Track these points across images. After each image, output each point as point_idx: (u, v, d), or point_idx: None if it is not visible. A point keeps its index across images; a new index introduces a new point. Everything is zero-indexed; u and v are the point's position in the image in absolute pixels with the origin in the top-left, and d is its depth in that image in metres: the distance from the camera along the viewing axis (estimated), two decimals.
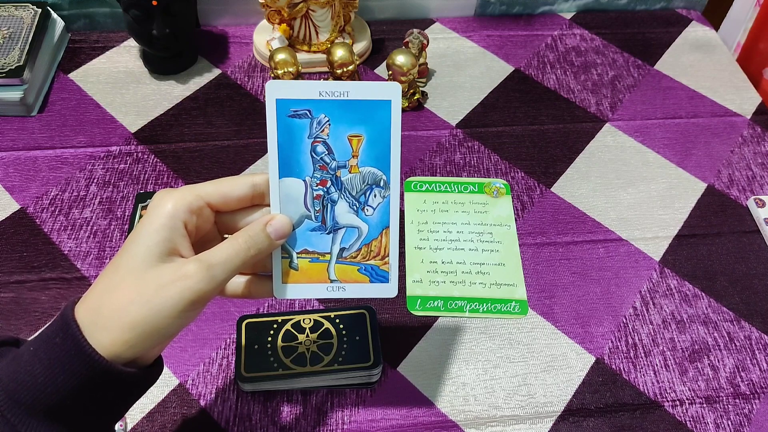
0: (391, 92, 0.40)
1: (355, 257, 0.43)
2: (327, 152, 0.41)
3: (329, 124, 0.40)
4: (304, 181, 0.41)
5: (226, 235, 0.43)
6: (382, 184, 0.41)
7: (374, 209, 0.42)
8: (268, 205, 0.41)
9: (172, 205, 0.37)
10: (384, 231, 0.42)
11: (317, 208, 0.42)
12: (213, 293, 0.37)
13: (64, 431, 0.35)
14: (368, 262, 0.43)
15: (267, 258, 0.42)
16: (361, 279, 0.43)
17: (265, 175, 0.41)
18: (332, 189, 0.41)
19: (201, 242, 0.40)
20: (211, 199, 0.39)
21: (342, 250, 0.42)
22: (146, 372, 0.38)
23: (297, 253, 0.42)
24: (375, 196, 0.42)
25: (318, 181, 0.41)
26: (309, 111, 0.40)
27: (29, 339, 0.37)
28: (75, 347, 0.34)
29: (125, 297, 0.35)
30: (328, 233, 0.42)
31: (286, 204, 0.41)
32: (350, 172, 0.41)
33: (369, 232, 0.42)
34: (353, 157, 0.41)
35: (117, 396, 0.37)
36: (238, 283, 0.43)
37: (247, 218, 0.41)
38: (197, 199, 0.39)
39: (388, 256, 0.43)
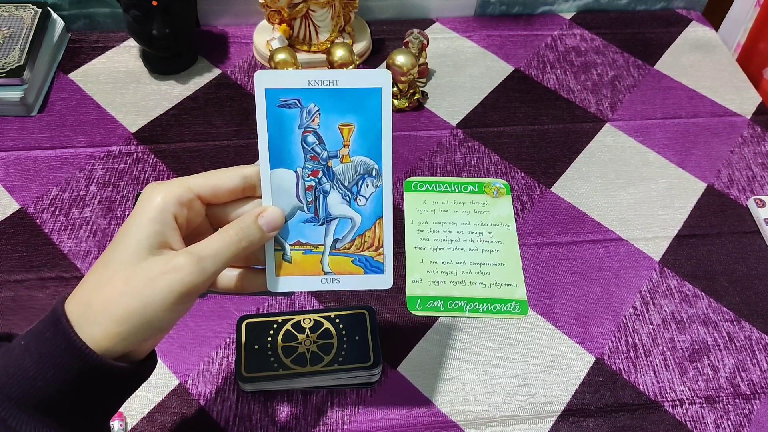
0: (381, 80, 0.39)
1: (349, 248, 0.42)
2: (318, 142, 0.40)
3: (319, 114, 0.40)
4: (296, 171, 0.40)
5: (217, 228, 0.42)
6: (374, 173, 0.41)
7: (367, 199, 0.41)
8: (260, 197, 0.41)
9: (161, 197, 0.37)
10: (377, 221, 0.42)
11: (309, 199, 0.41)
12: (203, 286, 0.37)
13: (55, 425, 0.35)
14: (362, 253, 0.42)
15: (260, 250, 0.41)
16: (356, 270, 0.42)
17: (256, 166, 0.40)
18: (324, 179, 0.41)
19: (192, 235, 0.40)
20: (201, 192, 0.39)
21: (335, 241, 0.42)
22: (138, 366, 0.37)
23: (290, 245, 0.42)
24: (367, 185, 0.41)
25: (309, 172, 0.41)
26: (298, 100, 0.39)
27: (21, 334, 0.37)
28: (65, 341, 0.34)
29: (115, 290, 0.35)
30: (320, 224, 0.42)
31: (278, 195, 0.40)
32: (342, 162, 0.41)
33: (362, 223, 0.42)
34: (344, 146, 0.40)
35: (109, 391, 0.37)
36: (230, 276, 0.42)
37: (239, 210, 0.41)
38: (187, 192, 0.38)
39: (382, 246, 0.42)
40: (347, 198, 0.41)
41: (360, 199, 0.41)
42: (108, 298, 0.35)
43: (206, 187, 0.39)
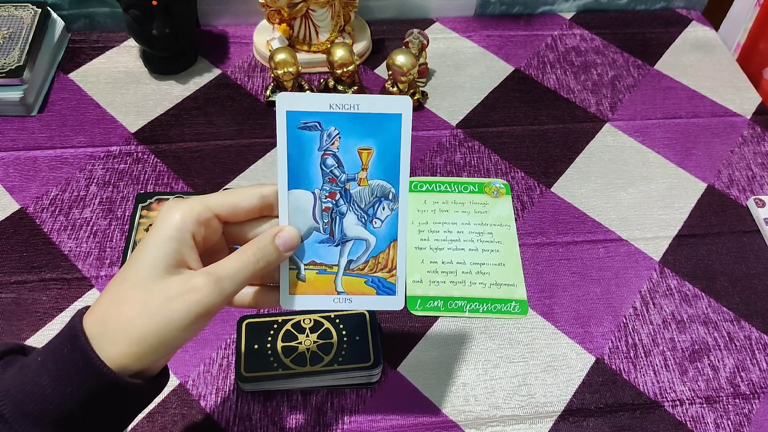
0: (402, 106, 0.40)
1: (363, 269, 0.43)
2: (337, 165, 0.41)
3: (339, 137, 0.40)
4: (313, 193, 0.41)
5: (234, 246, 0.42)
6: (390, 197, 0.42)
7: (382, 222, 0.42)
8: (277, 217, 0.41)
9: (180, 216, 0.37)
10: (392, 244, 0.42)
11: (326, 221, 0.42)
12: (221, 306, 0.37)
13: None
14: (375, 275, 0.43)
15: (275, 269, 0.41)
16: (368, 291, 0.43)
17: (274, 186, 0.41)
18: (341, 201, 0.41)
19: (209, 253, 0.40)
20: (219, 211, 0.39)
21: (349, 262, 0.42)
22: (152, 383, 0.38)
23: (305, 265, 0.42)
24: (383, 208, 0.42)
25: (327, 194, 0.41)
26: (319, 123, 0.40)
27: (37, 348, 0.37)
28: (83, 359, 0.34)
29: (132, 309, 0.35)
30: (336, 245, 0.42)
31: (295, 216, 0.41)
32: (359, 185, 0.41)
33: (377, 245, 0.42)
34: (363, 170, 0.41)
35: (123, 407, 0.37)
36: (245, 293, 0.43)
37: (256, 230, 0.41)
38: (206, 211, 0.38)
39: (395, 268, 0.43)
40: (363, 220, 0.42)
41: (376, 222, 0.42)
42: (126, 317, 0.35)
43: (225, 206, 0.39)
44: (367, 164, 0.41)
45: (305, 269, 0.42)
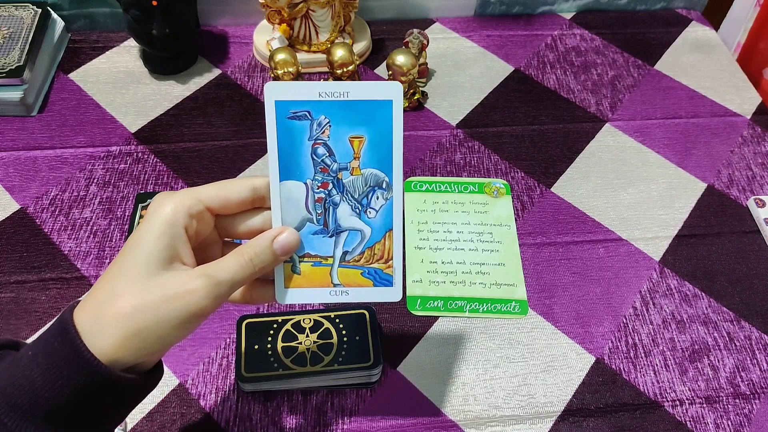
0: (393, 92, 0.40)
1: (359, 261, 0.42)
2: (328, 154, 0.40)
3: (330, 126, 0.40)
4: (305, 183, 0.40)
5: (225, 239, 0.42)
6: (384, 185, 0.41)
7: (377, 211, 0.41)
8: (269, 208, 0.40)
9: (172, 210, 0.37)
10: (387, 234, 0.42)
11: (319, 211, 0.41)
12: (216, 308, 0.37)
13: None
14: (371, 266, 0.42)
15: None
16: (365, 282, 0.42)
17: (266, 178, 0.40)
18: (334, 191, 0.41)
19: (201, 246, 0.40)
20: (211, 203, 0.39)
21: (345, 253, 0.42)
22: (146, 377, 0.38)
23: (299, 257, 0.41)
24: (377, 198, 0.41)
25: (319, 184, 0.40)
26: (309, 112, 0.39)
27: (28, 342, 0.37)
28: (74, 352, 0.34)
29: (127, 304, 0.35)
30: (330, 236, 0.41)
31: (287, 207, 0.40)
32: (352, 174, 0.41)
33: (372, 235, 0.42)
34: (355, 158, 0.40)
35: (116, 401, 0.37)
36: (239, 288, 0.42)
37: (248, 222, 0.41)
38: (197, 204, 0.38)
39: (391, 259, 0.42)
40: (357, 210, 0.41)
41: (370, 212, 0.41)
42: (120, 312, 0.35)
43: (216, 199, 0.39)
44: (359, 153, 0.40)
45: (300, 262, 0.41)
